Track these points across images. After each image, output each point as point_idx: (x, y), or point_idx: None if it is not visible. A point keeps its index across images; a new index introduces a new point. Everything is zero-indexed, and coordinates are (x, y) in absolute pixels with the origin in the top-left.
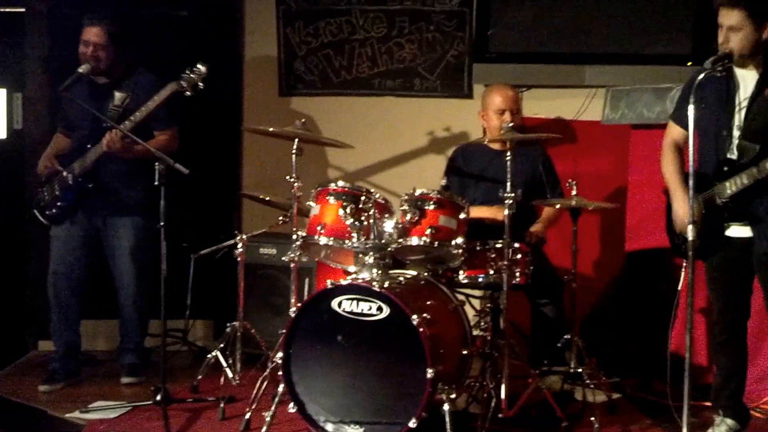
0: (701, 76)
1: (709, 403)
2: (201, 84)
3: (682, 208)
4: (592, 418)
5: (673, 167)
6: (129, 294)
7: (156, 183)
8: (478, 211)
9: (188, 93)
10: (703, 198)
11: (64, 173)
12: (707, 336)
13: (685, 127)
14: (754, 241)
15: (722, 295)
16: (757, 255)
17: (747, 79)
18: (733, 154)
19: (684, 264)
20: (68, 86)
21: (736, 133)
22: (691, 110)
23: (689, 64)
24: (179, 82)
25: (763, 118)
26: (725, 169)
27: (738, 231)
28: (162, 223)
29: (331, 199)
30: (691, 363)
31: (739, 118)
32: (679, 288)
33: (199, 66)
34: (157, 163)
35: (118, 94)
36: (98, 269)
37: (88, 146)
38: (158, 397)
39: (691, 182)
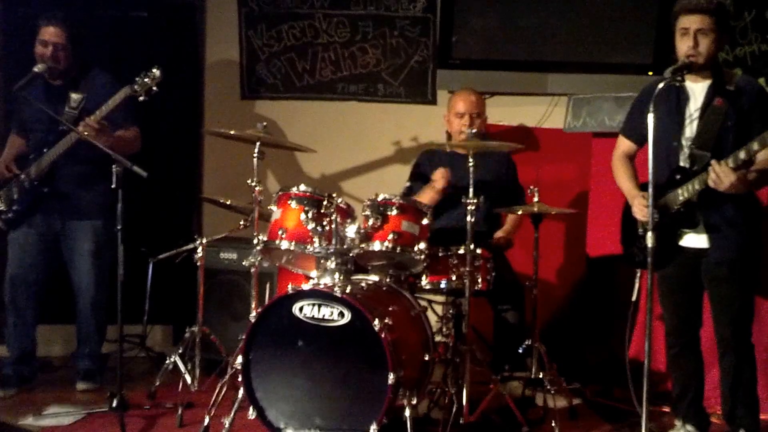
0: (661, 85)
1: (667, 409)
2: (155, 88)
3: (642, 211)
4: (553, 424)
5: (627, 174)
6: (87, 298)
7: (113, 186)
8: (423, 196)
9: (142, 97)
10: (657, 207)
11: (22, 176)
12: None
13: (635, 140)
14: (708, 251)
15: (674, 308)
16: (707, 265)
17: (696, 91)
18: (685, 163)
19: (638, 273)
20: (24, 86)
21: (686, 143)
22: (650, 119)
23: (650, 73)
24: (132, 87)
25: (714, 126)
26: (677, 177)
27: (692, 241)
28: (120, 227)
29: (293, 204)
30: (649, 369)
31: (690, 129)
32: (633, 299)
33: (153, 70)
34: (114, 166)
35: (74, 96)
36: (56, 273)
37: (45, 150)
38: (114, 404)
39: (650, 189)
